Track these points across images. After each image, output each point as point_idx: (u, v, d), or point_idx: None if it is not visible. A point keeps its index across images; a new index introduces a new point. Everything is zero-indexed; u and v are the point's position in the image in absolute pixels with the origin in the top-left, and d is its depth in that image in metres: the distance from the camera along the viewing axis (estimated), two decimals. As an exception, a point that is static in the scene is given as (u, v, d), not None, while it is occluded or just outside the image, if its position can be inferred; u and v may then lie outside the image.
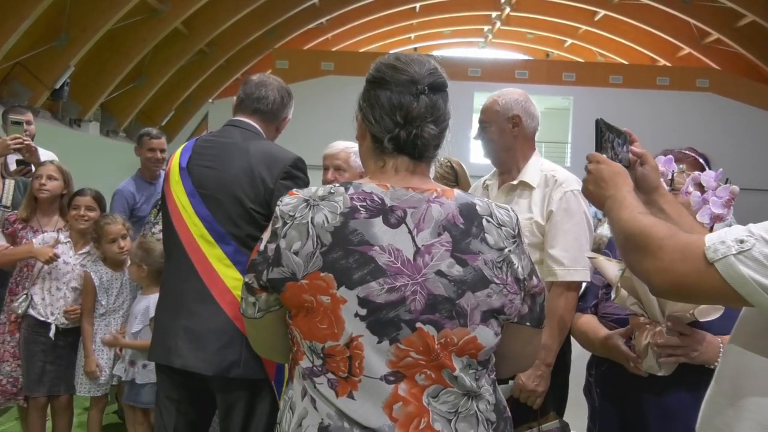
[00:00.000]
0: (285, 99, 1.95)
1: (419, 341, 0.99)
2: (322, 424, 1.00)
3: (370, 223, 1.00)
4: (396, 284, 0.98)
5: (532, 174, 2.01)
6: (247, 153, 1.78)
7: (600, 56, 18.23)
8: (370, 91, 1.09)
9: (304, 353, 1.03)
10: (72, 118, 10.09)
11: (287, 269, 1.00)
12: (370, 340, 0.98)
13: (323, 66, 15.45)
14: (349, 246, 0.98)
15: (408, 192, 1.04)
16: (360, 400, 0.99)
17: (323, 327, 0.99)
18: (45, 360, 2.69)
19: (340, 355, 0.99)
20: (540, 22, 16.73)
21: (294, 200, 1.04)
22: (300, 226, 1.01)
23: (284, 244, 1.01)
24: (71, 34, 8.72)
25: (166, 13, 9.98)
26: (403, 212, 1.02)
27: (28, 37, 8.11)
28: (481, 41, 18.96)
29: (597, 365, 1.70)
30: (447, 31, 18.09)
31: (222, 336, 1.69)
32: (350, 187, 1.04)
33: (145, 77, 11.20)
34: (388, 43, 18.15)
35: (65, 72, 8.86)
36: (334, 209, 1.01)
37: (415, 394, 0.99)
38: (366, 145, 1.10)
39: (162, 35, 10.29)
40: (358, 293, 0.97)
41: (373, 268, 0.98)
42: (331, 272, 0.98)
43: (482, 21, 17.35)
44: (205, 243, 1.74)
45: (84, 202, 2.76)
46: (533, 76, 15.64)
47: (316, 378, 1.01)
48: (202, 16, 10.88)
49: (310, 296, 0.99)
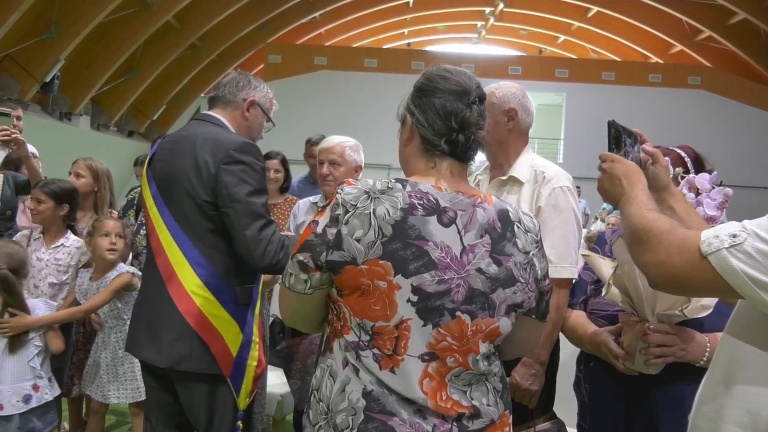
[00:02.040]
0: (242, 82, 1.90)
1: (456, 328, 1.13)
2: (366, 389, 1.12)
3: (426, 220, 1.12)
4: (444, 277, 1.11)
5: (522, 169, 2.01)
6: (194, 142, 1.76)
7: (593, 53, 18.28)
8: (421, 97, 1.20)
9: (352, 328, 1.14)
10: (62, 112, 10.01)
11: (348, 254, 1.10)
12: (417, 323, 1.11)
13: (316, 60, 15.40)
14: (408, 239, 1.10)
15: (458, 195, 1.17)
16: (400, 375, 1.12)
17: (377, 308, 1.11)
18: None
19: (388, 335, 1.12)
20: (533, 19, 16.75)
21: (355, 190, 1.13)
22: (362, 216, 1.11)
23: (346, 231, 1.11)
24: (61, 26, 8.64)
25: (158, 6, 9.91)
26: (454, 213, 1.15)
27: (17, 29, 8.02)
28: (475, 37, 18.96)
29: (586, 361, 1.71)
30: (440, 26, 18.07)
31: (174, 329, 1.70)
32: (407, 184, 1.15)
33: (137, 71, 11.12)
34: (381, 38, 18.12)
35: (55, 65, 8.78)
36: (394, 204, 1.12)
37: (442, 372, 1.13)
38: (414, 146, 1.22)
39: (153, 28, 10.22)
40: (413, 282, 1.10)
41: (426, 261, 1.10)
42: (389, 261, 1.10)
43: (476, 17, 17.34)
44: (163, 236, 1.76)
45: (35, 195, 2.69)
46: (526, 73, 15.66)
47: (362, 351, 1.13)
48: (194, 9, 10.80)
49: (367, 280, 1.10)
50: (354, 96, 14.62)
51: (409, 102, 1.22)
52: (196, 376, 1.72)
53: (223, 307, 1.71)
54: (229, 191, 1.69)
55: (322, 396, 1.15)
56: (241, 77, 1.92)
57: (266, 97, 1.95)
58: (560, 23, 16.83)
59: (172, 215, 1.75)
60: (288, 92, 14.76)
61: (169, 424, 1.84)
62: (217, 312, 1.71)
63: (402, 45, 18.79)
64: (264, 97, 1.93)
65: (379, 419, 1.10)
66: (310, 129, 7.14)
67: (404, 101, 1.23)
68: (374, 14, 15.74)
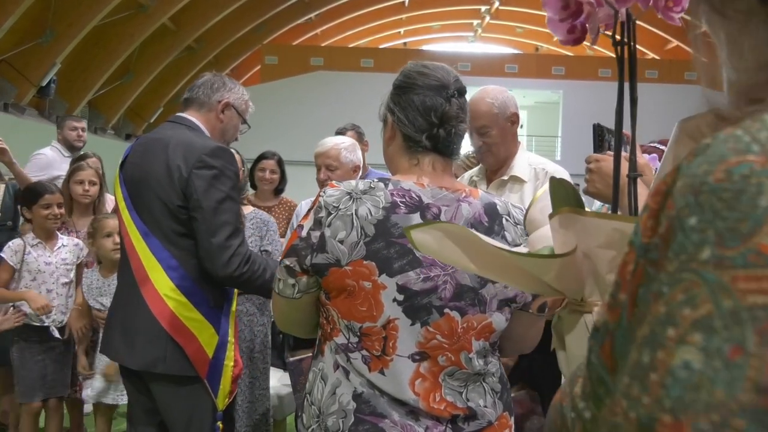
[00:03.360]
0: (216, 84, 1.87)
1: (446, 325, 1.11)
2: (356, 392, 1.11)
3: (409, 218, 1.10)
4: (430, 274, 1.10)
5: (521, 168, 2.02)
6: (166, 146, 1.74)
7: (589, 50, 18.29)
8: (400, 95, 1.19)
9: (340, 331, 1.13)
10: (59, 116, 9.98)
11: (332, 256, 1.10)
12: (404, 322, 1.10)
13: (313, 61, 15.39)
14: (391, 238, 1.09)
15: (442, 191, 1.15)
16: (389, 376, 1.10)
17: (363, 309, 1.10)
18: (44, 363, 2.66)
19: (376, 335, 1.11)
20: (529, 16, 16.75)
21: (337, 192, 1.13)
22: (345, 217, 1.10)
23: (329, 233, 1.10)
24: (57, 30, 8.62)
25: (153, 8, 9.88)
26: (438, 210, 1.13)
27: (13, 33, 8.00)
28: (471, 36, 18.96)
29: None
30: (436, 25, 18.07)
31: (147, 332, 1.70)
32: (389, 183, 1.15)
33: (133, 74, 11.10)
34: (377, 38, 18.11)
35: (51, 69, 8.76)
36: (376, 203, 1.11)
37: (434, 372, 1.12)
38: (396, 144, 1.20)
39: (149, 31, 10.19)
40: (398, 281, 1.09)
41: (411, 258, 1.09)
42: (373, 261, 1.09)
43: (471, 15, 17.34)
44: (135, 239, 1.75)
45: (55, 200, 2.74)
46: (523, 70, 15.67)
47: (351, 353, 1.12)
48: (190, 11, 10.78)
49: (352, 281, 1.10)
50: (351, 96, 14.61)
51: (388, 101, 1.21)
52: (171, 378, 1.72)
53: (196, 309, 1.71)
54: (198, 196, 1.67)
55: (314, 399, 1.15)
56: (216, 78, 1.90)
57: (241, 98, 1.91)
58: (556, 21, 16.83)
59: (142, 218, 1.75)
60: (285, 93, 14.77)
61: (150, 424, 1.83)
62: (190, 314, 1.71)
63: (398, 44, 18.78)
64: (239, 99, 1.90)
65: (369, 421, 1.09)
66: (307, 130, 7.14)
67: (384, 100, 1.22)
68: (370, 14, 15.73)
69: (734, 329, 0.30)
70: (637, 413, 0.33)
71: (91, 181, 3.02)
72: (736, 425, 0.29)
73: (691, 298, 0.32)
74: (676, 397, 0.31)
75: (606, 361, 0.41)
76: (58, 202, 2.73)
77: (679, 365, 0.31)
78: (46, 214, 2.69)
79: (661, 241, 0.36)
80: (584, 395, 0.45)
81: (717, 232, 0.33)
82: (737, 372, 0.30)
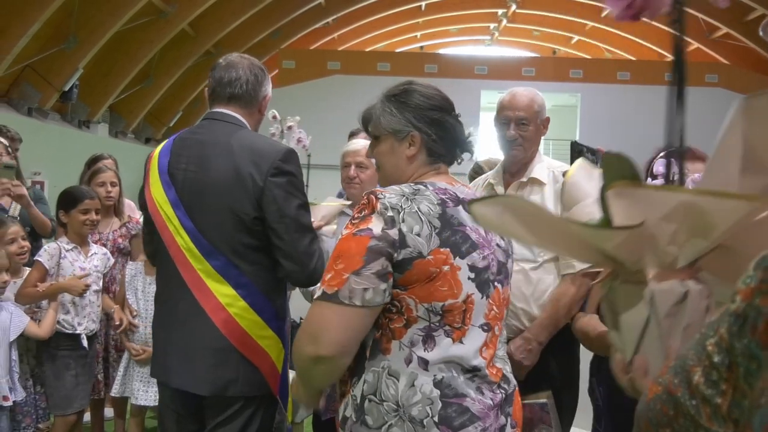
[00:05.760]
0: (260, 76, 1.76)
1: (497, 297, 1.29)
2: (435, 379, 1.20)
3: (457, 210, 1.26)
4: (485, 253, 1.26)
5: (540, 171, 2.04)
6: (231, 151, 1.62)
7: (607, 52, 18.13)
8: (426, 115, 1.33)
9: (419, 317, 1.21)
10: (81, 120, 10.15)
11: (414, 249, 1.19)
12: (478, 296, 1.25)
13: (330, 65, 15.46)
14: (453, 227, 1.24)
15: (464, 188, 1.35)
16: (467, 344, 1.23)
17: (444, 289, 1.21)
18: (77, 373, 2.64)
19: (457, 310, 1.23)
20: (546, 19, 16.66)
21: (393, 195, 1.23)
22: (412, 214, 1.21)
23: (405, 228, 1.19)
24: (79, 36, 8.78)
25: (173, 14, 10.02)
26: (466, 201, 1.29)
27: (37, 40, 8.17)
28: (488, 39, 18.90)
29: (599, 365, 1.70)
30: (453, 29, 18.04)
31: (216, 354, 1.61)
32: (428, 185, 1.28)
33: (153, 78, 11.25)
34: (394, 41, 18.13)
35: (74, 74, 8.92)
36: (431, 201, 1.24)
37: (494, 341, 1.28)
38: (420, 158, 1.34)
39: (169, 37, 10.33)
40: (467, 261, 1.24)
41: (471, 243, 1.25)
42: (447, 247, 1.22)
43: (488, 19, 17.29)
44: (192, 257, 1.62)
45: (94, 206, 2.77)
46: (540, 74, 15.57)
47: (434, 332, 1.21)
48: (209, 17, 10.91)
49: (435, 268, 1.20)
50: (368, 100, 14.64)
51: (412, 119, 1.32)
52: (239, 399, 1.63)
53: (267, 326, 1.64)
54: (279, 206, 1.59)
55: (385, 396, 1.19)
56: (258, 71, 1.78)
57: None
58: (574, 23, 16.72)
59: (206, 235, 1.61)
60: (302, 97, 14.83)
61: None
62: (262, 332, 1.63)
63: (415, 48, 18.79)
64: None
65: (455, 403, 1.19)
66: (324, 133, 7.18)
67: (397, 117, 1.33)
68: (386, 18, 15.76)
69: None
70: None
71: (112, 182, 3.04)
72: None
73: None
74: None
75: (762, 339, 0.46)
76: (96, 208, 2.72)
77: None
78: (84, 219, 2.68)
79: None
80: (711, 383, 0.50)
81: None
82: None
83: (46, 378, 2.64)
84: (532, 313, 1.94)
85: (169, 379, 1.68)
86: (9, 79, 8.49)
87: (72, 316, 2.66)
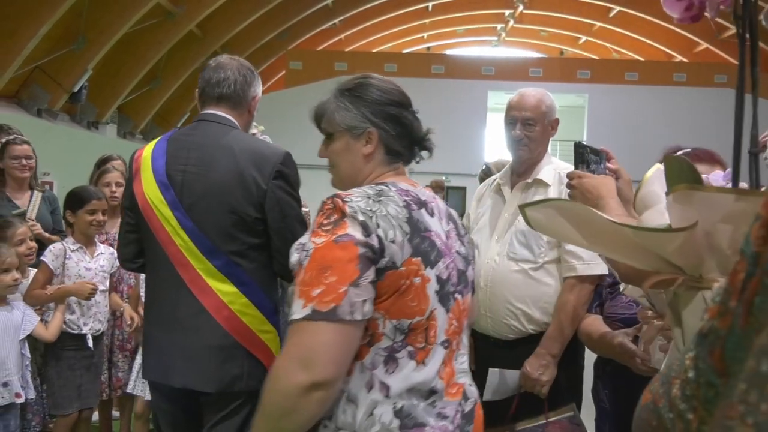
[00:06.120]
0: (248, 77, 1.78)
1: (456, 309, 1.18)
2: (396, 407, 1.09)
3: (421, 213, 1.15)
4: (447, 262, 1.16)
5: (546, 172, 2.03)
6: (232, 153, 1.65)
7: (615, 53, 18.05)
8: (383, 110, 1.23)
9: (385, 334, 1.09)
10: (90, 121, 10.22)
11: (389, 259, 1.07)
12: (440, 311, 1.14)
13: (337, 66, 15.48)
14: (421, 233, 1.12)
15: (424, 190, 1.23)
16: (429, 365, 1.12)
17: (413, 304, 1.10)
18: (80, 373, 2.66)
19: (420, 329, 1.11)
20: (554, 20, 16.61)
21: (359, 198, 1.10)
22: (384, 218, 1.08)
23: (382, 234, 1.07)
24: (88, 38, 8.84)
25: (181, 16, 10.07)
26: (431, 204, 1.20)
27: (46, 41, 8.23)
28: (495, 40, 18.87)
29: (603, 366, 1.69)
30: (460, 30, 18.03)
31: (221, 351, 1.62)
32: (389, 185, 1.16)
33: (161, 80, 11.31)
34: (401, 42, 18.14)
35: (83, 75, 8.98)
36: (396, 203, 1.12)
37: (450, 357, 1.17)
38: (378, 156, 1.24)
39: (177, 38, 10.39)
40: (435, 272, 1.13)
41: (437, 250, 1.14)
42: (419, 256, 1.10)
43: (495, 19, 17.26)
44: (192, 257, 1.63)
45: (101, 206, 2.78)
46: (547, 74, 15.53)
47: (397, 353, 1.10)
48: (216, 18, 10.96)
49: (406, 279, 1.09)
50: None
51: (369, 114, 1.22)
52: (241, 395, 1.64)
53: (268, 321, 1.67)
54: (281, 208, 1.64)
55: (341, 423, 1.08)
56: (247, 71, 1.80)
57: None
58: (581, 24, 16.66)
59: (200, 228, 1.63)
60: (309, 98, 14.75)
61: None
62: (263, 327, 1.66)
63: (422, 49, 18.79)
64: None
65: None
66: (331, 134, 7.21)
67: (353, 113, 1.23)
68: (393, 19, 15.77)
69: None
70: (755, 419, 0.34)
71: (117, 182, 3.04)
72: None
73: None
74: None
75: (716, 366, 0.42)
76: (103, 209, 2.73)
77: None
78: (91, 219, 2.69)
79: None
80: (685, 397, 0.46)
81: None
82: None
83: (50, 377, 2.67)
84: (531, 314, 1.93)
85: (171, 379, 1.67)
86: (19, 81, 8.55)
87: (77, 316, 2.68)
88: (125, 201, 1.82)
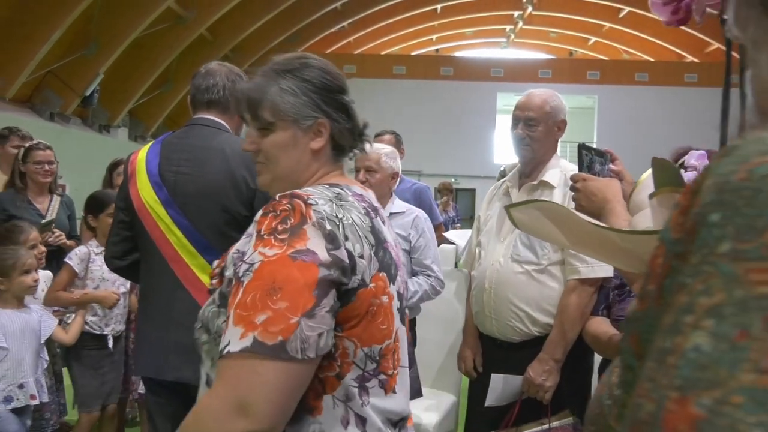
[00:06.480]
0: (237, 82, 1.82)
1: (404, 322, 1.05)
2: None
3: (376, 221, 0.98)
4: (400, 274, 1.02)
5: (552, 174, 2.02)
6: (224, 155, 1.71)
7: (625, 54, 17.96)
8: (333, 98, 1.04)
9: (355, 364, 0.92)
10: (101, 124, 10.33)
11: (359, 276, 0.90)
12: (402, 330, 1.01)
13: (346, 69, 15.53)
14: (382, 244, 0.96)
15: (371, 193, 1.07)
16: (399, 392, 1.00)
17: (384, 327, 0.94)
18: (102, 372, 2.71)
19: (389, 353, 0.97)
20: (563, 21, 16.57)
21: (322, 201, 0.92)
22: (350, 227, 0.91)
23: (351, 247, 0.89)
24: (100, 42, 8.94)
25: (192, 20, 10.16)
26: (380, 211, 1.05)
27: (59, 46, 8.33)
28: (504, 41, 18.85)
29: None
30: (469, 31, 18.03)
31: None
32: (343, 187, 0.99)
33: (172, 83, 11.41)
34: (410, 44, 18.17)
35: (95, 80, 9.08)
36: (357, 209, 0.95)
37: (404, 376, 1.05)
38: (327, 151, 1.05)
39: (187, 42, 10.47)
40: (396, 288, 0.99)
41: (395, 263, 1.00)
42: (384, 271, 0.95)
43: (504, 21, 17.25)
44: (187, 253, 1.68)
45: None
46: (557, 76, 15.49)
47: (368, 383, 0.94)
48: (227, 22, 11.04)
49: (376, 299, 0.92)
50: (383, 103, 14.70)
51: (319, 102, 1.02)
52: None
53: None
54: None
55: None
56: (235, 77, 1.85)
57: None
58: (591, 25, 16.60)
59: (194, 225, 1.69)
60: (318, 101, 14.88)
61: None
62: None
63: (430, 51, 18.81)
64: None
65: None
66: (341, 136, 7.23)
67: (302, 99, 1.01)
68: (402, 21, 15.80)
69: (742, 316, 0.33)
70: (657, 394, 0.35)
71: None
72: (734, 401, 0.31)
73: (708, 288, 0.35)
74: (685, 376, 0.33)
75: (634, 348, 0.44)
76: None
77: (691, 348, 0.34)
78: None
79: (687, 236, 0.38)
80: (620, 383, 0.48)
81: (736, 228, 0.35)
82: (741, 354, 0.32)
83: (72, 376, 2.73)
84: (534, 316, 1.93)
85: (164, 374, 1.69)
86: (32, 85, 8.67)
87: (99, 317, 2.72)
88: (119, 200, 1.87)
